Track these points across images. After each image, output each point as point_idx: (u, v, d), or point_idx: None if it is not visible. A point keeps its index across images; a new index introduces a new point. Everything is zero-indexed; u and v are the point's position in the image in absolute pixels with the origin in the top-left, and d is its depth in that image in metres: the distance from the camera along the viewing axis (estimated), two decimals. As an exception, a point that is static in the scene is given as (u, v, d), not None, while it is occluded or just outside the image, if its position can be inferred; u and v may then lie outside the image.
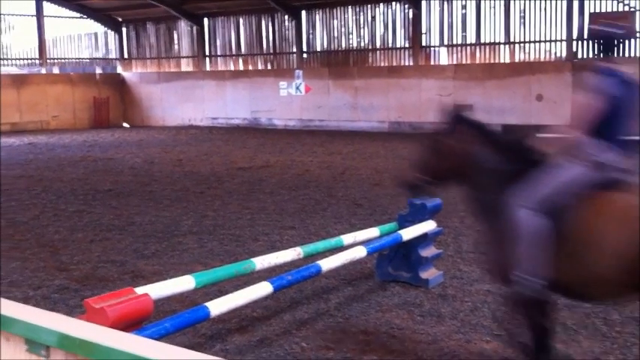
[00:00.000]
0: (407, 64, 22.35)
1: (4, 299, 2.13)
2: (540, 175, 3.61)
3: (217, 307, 3.97)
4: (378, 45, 23.03)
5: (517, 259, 3.55)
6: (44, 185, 11.79)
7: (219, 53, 26.72)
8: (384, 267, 5.89)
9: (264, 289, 4.25)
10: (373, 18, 23.02)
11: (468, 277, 5.93)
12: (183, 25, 27.19)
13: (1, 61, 25.89)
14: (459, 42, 21.45)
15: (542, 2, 19.83)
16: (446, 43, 21.69)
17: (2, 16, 25.70)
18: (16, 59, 26.55)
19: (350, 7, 23.33)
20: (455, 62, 21.42)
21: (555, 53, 20.05)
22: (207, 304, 3.96)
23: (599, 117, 3.58)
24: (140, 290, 3.71)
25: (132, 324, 3.52)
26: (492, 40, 20.82)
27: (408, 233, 5.59)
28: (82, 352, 1.75)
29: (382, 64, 22.93)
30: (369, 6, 22.94)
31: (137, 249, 7.21)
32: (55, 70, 27.53)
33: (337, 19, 23.78)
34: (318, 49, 24.39)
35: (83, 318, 3.32)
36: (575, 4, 19.20)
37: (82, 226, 8.41)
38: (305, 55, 24.60)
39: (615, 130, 3.65)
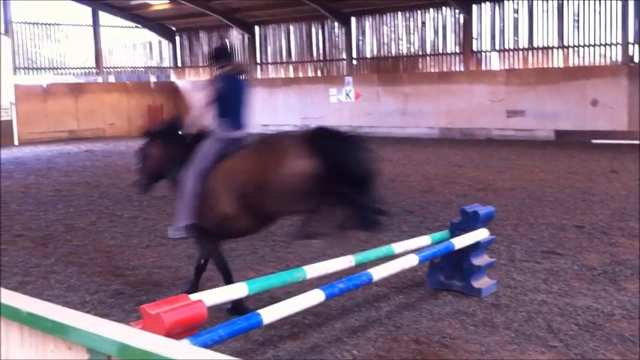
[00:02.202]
0: (457, 69, 22.16)
1: (67, 309, 2.19)
2: (196, 153, 5.24)
3: (270, 314, 4.01)
4: (428, 51, 22.90)
5: (184, 211, 5.23)
6: (101, 191, 12.11)
7: (269, 61, 26.98)
8: (435, 275, 5.86)
9: (316, 296, 4.28)
10: (423, 23, 22.91)
11: (521, 287, 5.84)
12: (235, 34, 27.56)
13: (60, 71, 26.73)
14: (511, 47, 21.16)
15: (597, 5, 19.41)
16: (497, 47, 21.43)
17: (59, 26, 26.50)
18: (73, 68, 27.34)
19: (400, 12, 23.27)
20: (506, 67, 21.14)
21: (610, 57, 19.58)
22: (260, 311, 3.99)
23: (219, 105, 5.30)
24: (195, 297, 3.77)
25: (186, 330, 3.59)
26: (545, 45, 20.47)
27: (460, 241, 5.54)
28: (143, 362, 1.76)
29: (432, 70, 22.79)
30: (418, 11, 22.85)
31: (190, 255, 7.32)
32: (111, 79, 28.25)
33: (387, 25, 23.74)
34: (368, 55, 24.40)
35: (139, 324, 3.40)
36: (631, 7, 18.73)
37: (138, 231, 8.60)
38: (355, 62, 24.63)
39: (234, 112, 5.35)
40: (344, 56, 24.80)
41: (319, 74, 25.53)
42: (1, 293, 2.35)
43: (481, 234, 5.75)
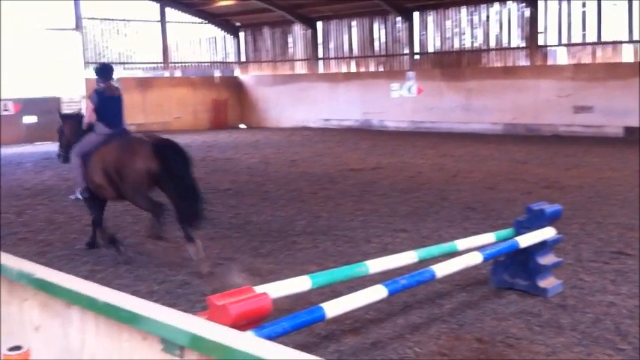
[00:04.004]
0: (523, 64, 21.71)
1: (142, 299, 2.24)
2: (82, 141, 7.42)
3: (333, 308, 4.04)
4: (492, 45, 22.51)
5: (77, 178, 7.50)
6: (167, 184, 12.38)
7: (331, 56, 27.04)
8: (500, 274, 5.79)
9: (379, 292, 4.29)
10: (487, 18, 22.52)
11: (589, 288, 5.71)
12: (298, 29, 27.73)
13: (128, 65, 27.46)
14: (579, 41, 20.58)
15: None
16: (564, 42, 20.88)
17: (128, 22, 27.20)
18: (141, 63, 28.02)
19: (463, 7, 22.94)
20: (574, 62, 20.58)
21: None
22: (323, 305, 4.03)
23: (96, 113, 7.40)
24: (259, 289, 3.83)
25: (251, 322, 3.65)
26: (614, 39, 19.82)
27: (526, 240, 5.46)
28: (217, 354, 1.78)
29: (496, 65, 22.39)
30: (482, 6, 22.47)
31: (254, 247, 7.46)
32: (177, 74, 28.83)
33: (450, 19, 23.44)
34: (430, 50, 24.16)
35: (205, 314, 3.48)
36: None
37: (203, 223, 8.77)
38: (417, 57, 24.43)
39: (107, 118, 7.37)
40: (406, 51, 24.64)
41: (381, 69, 25.43)
42: (76, 282, 2.39)
43: (548, 232, 5.65)
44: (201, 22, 29.20)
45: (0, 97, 22.71)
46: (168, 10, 27.99)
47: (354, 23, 26.13)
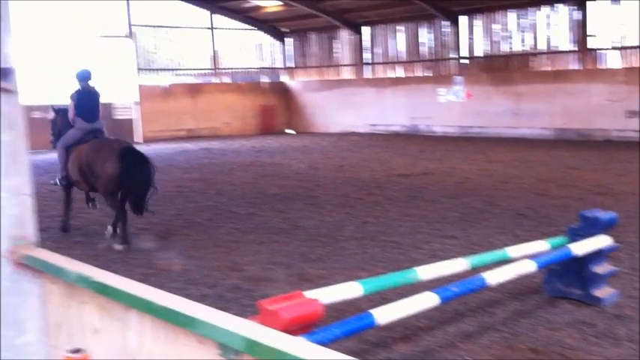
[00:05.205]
0: (573, 67, 21.28)
1: (199, 303, 2.26)
2: (66, 134, 8.75)
3: (383, 315, 4.02)
4: (541, 49, 22.13)
5: (60, 166, 8.82)
6: (217, 188, 12.57)
7: (378, 61, 26.98)
8: (553, 282, 5.67)
9: (430, 299, 4.25)
10: (536, 21, 22.15)
11: (646, 298, 5.55)
12: (344, 34, 27.76)
13: (178, 72, 27.94)
14: (631, 44, 20.07)
15: None
16: (616, 45, 20.39)
17: (178, 29, 27.64)
18: (191, 69, 28.47)
19: (511, 10, 22.62)
20: (626, 65, 20.08)
21: None
22: (373, 311, 4.02)
23: (76, 109, 8.78)
24: (309, 295, 3.84)
25: (302, 327, 3.66)
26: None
27: (580, 248, 5.34)
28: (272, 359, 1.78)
29: (546, 69, 22.01)
30: (531, 9, 22.12)
31: (303, 252, 7.49)
32: (226, 80, 29.18)
33: (498, 23, 23.15)
34: (478, 54, 23.89)
35: (257, 319, 3.50)
36: None
37: (252, 228, 8.87)
38: (464, 61, 24.19)
39: (85, 113, 8.79)
40: (453, 55, 24.42)
41: (428, 74, 25.27)
42: (134, 286, 2.42)
43: (603, 241, 5.52)
44: (249, 29, 29.49)
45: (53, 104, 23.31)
46: (215, 16, 28.35)
47: (400, 28, 26.02)
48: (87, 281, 2.55)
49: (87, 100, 8.92)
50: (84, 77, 9.09)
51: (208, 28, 28.31)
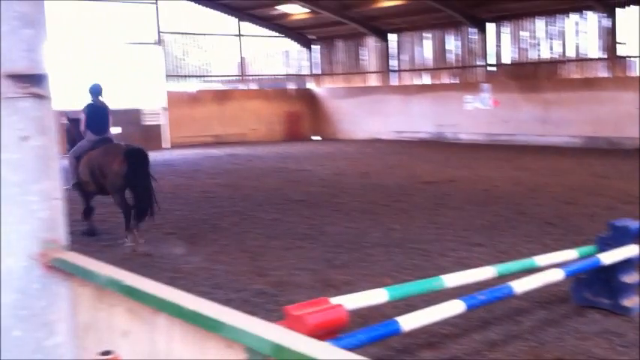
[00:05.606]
0: (602, 75, 21.03)
1: (227, 308, 2.28)
2: (77, 145, 9.35)
3: (409, 322, 4.02)
4: (570, 56, 21.91)
5: (71, 174, 9.18)
6: (243, 194, 12.64)
7: (404, 68, 26.94)
8: (581, 291, 5.61)
9: (456, 307, 4.24)
10: (565, 28, 21.94)
11: (676, 308, 5.46)
12: (371, 41, 27.76)
13: (206, 78, 28.19)
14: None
15: None
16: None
17: (206, 36, 27.90)
18: (219, 76, 28.68)
19: (540, 18, 22.45)
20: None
21: None
22: (398, 318, 4.01)
23: (87, 122, 9.31)
24: (335, 301, 3.85)
25: (328, 333, 3.67)
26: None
27: (610, 257, 5.28)
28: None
29: (574, 76, 21.78)
30: (559, 16, 21.93)
31: (328, 258, 7.49)
32: (253, 86, 29.35)
33: (526, 30, 22.98)
34: (505, 61, 23.73)
35: (283, 324, 3.52)
36: None
37: (278, 233, 8.90)
38: (491, 68, 24.05)
39: (95, 126, 9.31)
40: (480, 63, 24.29)
41: (455, 81, 25.16)
42: (163, 290, 2.45)
43: (632, 250, 5.45)
44: (276, 36, 29.65)
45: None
46: (243, 24, 28.55)
47: (427, 35, 25.96)
48: (116, 284, 2.58)
49: (97, 114, 9.41)
50: (95, 91, 9.57)
51: (236, 35, 28.52)
